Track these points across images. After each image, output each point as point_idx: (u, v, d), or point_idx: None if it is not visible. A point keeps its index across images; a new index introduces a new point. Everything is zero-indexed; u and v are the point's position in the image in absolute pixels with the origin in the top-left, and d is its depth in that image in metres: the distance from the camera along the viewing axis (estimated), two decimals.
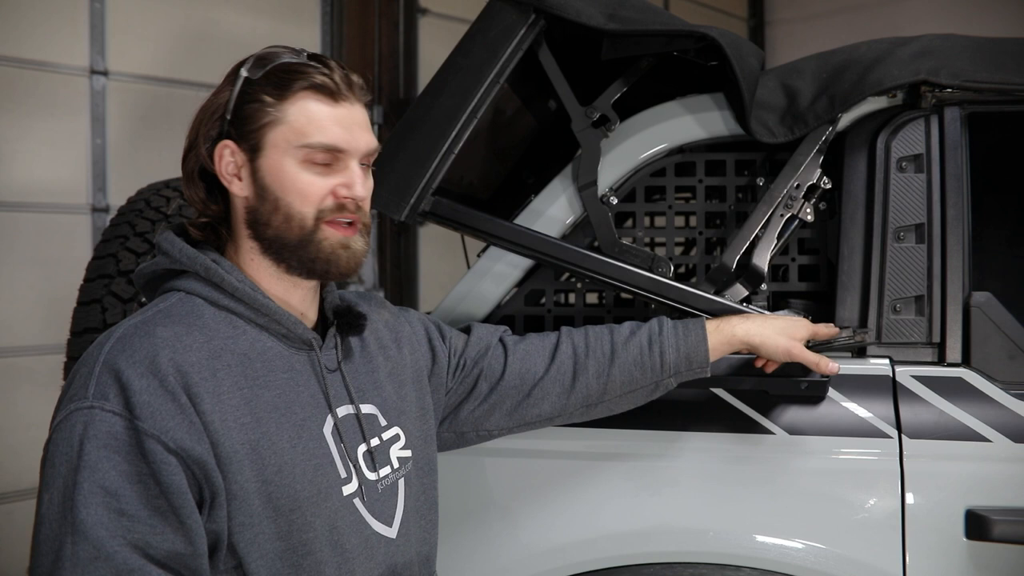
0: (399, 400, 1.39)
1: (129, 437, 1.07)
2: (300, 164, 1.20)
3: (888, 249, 1.62)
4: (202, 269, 1.21)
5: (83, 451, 1.06)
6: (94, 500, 1.05)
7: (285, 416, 1.19)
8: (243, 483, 1.13)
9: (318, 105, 1.20)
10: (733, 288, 1.69)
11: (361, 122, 1.24)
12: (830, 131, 1.67)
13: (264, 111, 1.20)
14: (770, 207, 1.69)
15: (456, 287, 1.80)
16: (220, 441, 1.12)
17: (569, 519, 1.59)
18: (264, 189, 1.21)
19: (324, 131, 1.20)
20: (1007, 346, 1.57)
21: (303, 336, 1.25)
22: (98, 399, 1.08)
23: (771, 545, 1.52)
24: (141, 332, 1.14)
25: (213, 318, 1.20)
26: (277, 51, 1.24)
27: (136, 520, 1.06)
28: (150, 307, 1.22)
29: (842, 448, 1.55)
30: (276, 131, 1.20)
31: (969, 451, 1.51)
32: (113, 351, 1.12)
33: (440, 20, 5.07)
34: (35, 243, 3.70)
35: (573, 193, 1.77)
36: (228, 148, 1.22)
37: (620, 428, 1.59)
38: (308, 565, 1.17)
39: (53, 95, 3.75)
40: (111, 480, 1.06)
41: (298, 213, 1.20)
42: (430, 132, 1.68)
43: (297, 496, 1.17)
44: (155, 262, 1.27)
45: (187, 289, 1.22)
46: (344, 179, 1.21)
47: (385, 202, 1.66)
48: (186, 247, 1.23)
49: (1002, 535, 1.46)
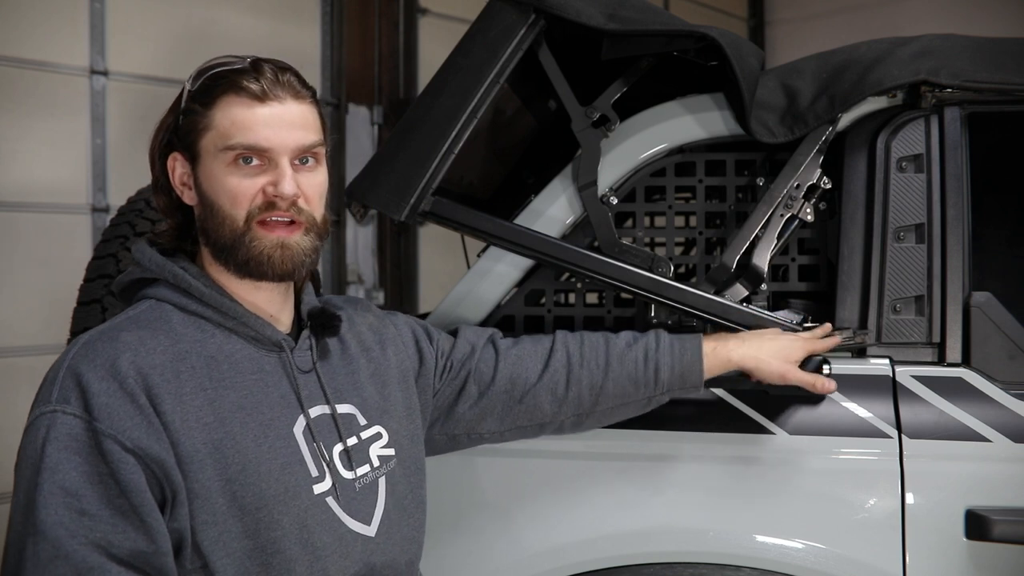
0: (382, 400, 1.39)
1: (88, 438, 1.10)
2: (227, 167, 1.22)
3: (888, 249, 1.62)
4: (170, 276, 1.25)
5: (44, 453, 1.09)
6: (54, 500, 1.08)
7: (251, 416, 1.21)
8: (204, 482, 1.15)
9: (241, 108, 1.21)
10: (733, 288, 1.70)
11: (293, 120, 1.24)
12: (830, 131, 1.67)
13: (197, 119, 1.23)
14: (770, 207, 1.69)
15: (456, 287, 1.80)
16: (180, 440, 1.14)
17: (568, 519, 1.59)
18: (203, 195, 1.24)
19: (246, 132, 1.21)
20: (1007, 346, 1.57)
21: (272, 338, 1.27)
22: (60, 403, 1.12)
23: (771, 545, 1.52)
24: (105, 337, 1.18)
25: (181, 323, 1.23)
26: (217, 61, 1.26)
27: (97, 519, 1.08)
28: (120, 314, 1.25)
29: (842, 448, 1.55)
30: (206, 137, 1.23)
31: (969, 451, 1.51)
32: (77, 356, 1.16)
33: (440, 20, 5.07)
34: (35, 243, 3.70)
35: (573, 193, 1.77)
36: (177, 160, 1.27)
37: (620, 428, 1.59)
38: (277, 563, 1.18)
39: (53, 95, 3.76)
40: (71, 480, 1.09)
41: (228, 215, 1.22)
42: (430, 132, 1.68)
43: (263, 494, 1.18)
44: (129, 272, 1.31)
45: (157, 296, 1.25)
46: (272, 177, 1.22)
47: (385, 202, 1.66)
48: (156, 255, 1.27)
49: (1002, 535, 1.46)
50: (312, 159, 1.27)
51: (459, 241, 2.21)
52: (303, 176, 1.25)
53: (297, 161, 1.24)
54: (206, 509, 1.14)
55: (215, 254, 1.25)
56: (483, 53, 1.70)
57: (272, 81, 1.23)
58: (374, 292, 4.84)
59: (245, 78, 1.22)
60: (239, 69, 1.23)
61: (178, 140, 1.26)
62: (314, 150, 1.26)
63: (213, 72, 1.24)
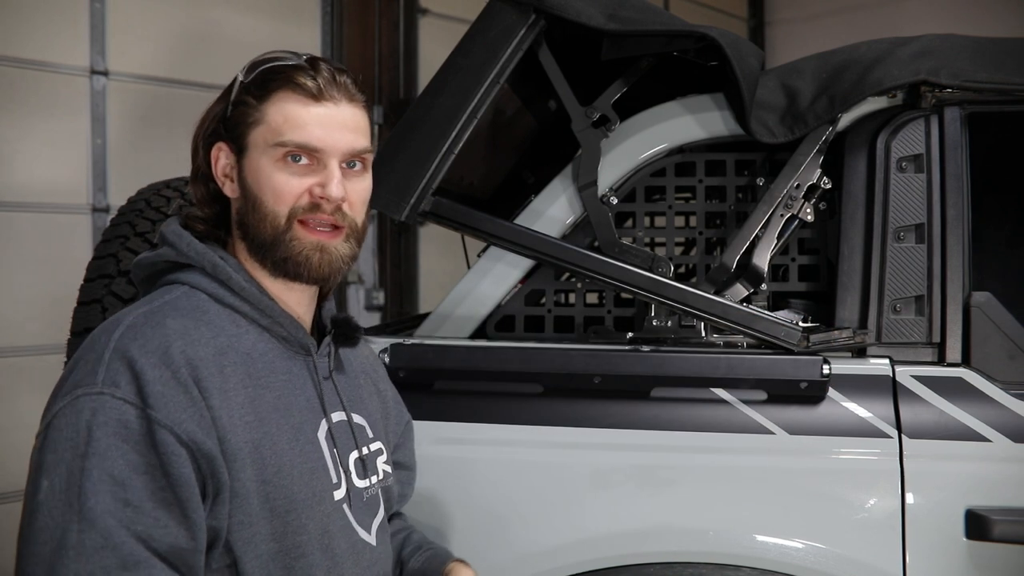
0: (380, 418, 1.41)
1: (141, 426, 1.06)
2: (276, 163, 1.20)
3: (888, 249, 1.62)
4: (209, 265, 1.21)
5: (92, 437, 1.05)
6: (103, 488, 1.03)
7: (284, 418, 1.20)
8: (245, 481, 1.13)
9: (296, 105, 1.20)
10: (733, 288, 1.70)
11: (345, 122, 1.23)
12: (830, 131, 1.67)
13: (248, 112, 1.21)
14: (770, 207, 1.69)
15: (456, 287, 1.80)
16: (227, 437, 1.12)
17: (569, 519, 1.59)
18: (246, 189, 1.22)
19: (299, 130, 1.19)
20: (1007, 346, 1.57)
21: (302, 340, 1.25)
22: (108, 386, 1.07)
23: (771, 545, 1.52)
24: (152, 322, 1.14)
25: (217, 315, 1.20)
26: (273, 55, 1.24)
27: (140, 512, 1.05)
28: (154, 298, 1.20)
29: (842, 448, 1.54)
30: (257, 131, 1.21)
31: (969, 451, 1.51)
32: (125, 339, 1.11)
33: (440, 20, 5.07)
34: (35, 243, 3.70)
35: (573, 193, 1.77)
36: (222, 151, 1.25)
37: (621, 428, 1.59)
38: (300, 568, 1.17)
39: (54, 95, 3.75)
40: (119, 469, 1.05)
41: (271, 212, 1.20)
42: (430, 132, 1.68)
43: (293, 498, 1.17)
44: (159, 253, 1.26)
45: (192, 283, 1.21)
46: (320, 179, 1.21)
47: (385, 202, 1.67)
48: (194, 241, 1.23)
49: (1002, 535, 1.46)
50: (360, 164, 1.25)
51: (459, 241, 2.21)
52: (350, 181, 1.24)
53: (345, 165, 1.23)
54: (243, 509, 1.13)
55: (252, 249, 1.24)
56: (483, 53, 1.70)
57: (328, 81, 1.21)
58: (374, 292, 4.84)
59: (302, 75, 1.21)
60: (296, 65, 1.22)
61: (225, 131, 1.24)
62: (363, 155, 1.25)
63: (269, 66, 1.22)
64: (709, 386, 1.59)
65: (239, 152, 1.23)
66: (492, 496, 1.62)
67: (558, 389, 1.63)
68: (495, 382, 1.65)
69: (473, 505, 1.62)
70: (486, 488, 1.63)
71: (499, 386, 1.65)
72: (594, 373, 1.60)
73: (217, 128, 1.25)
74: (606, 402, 1.61)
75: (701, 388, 1.59)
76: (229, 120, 1.23)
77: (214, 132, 1.25)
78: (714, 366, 1.58)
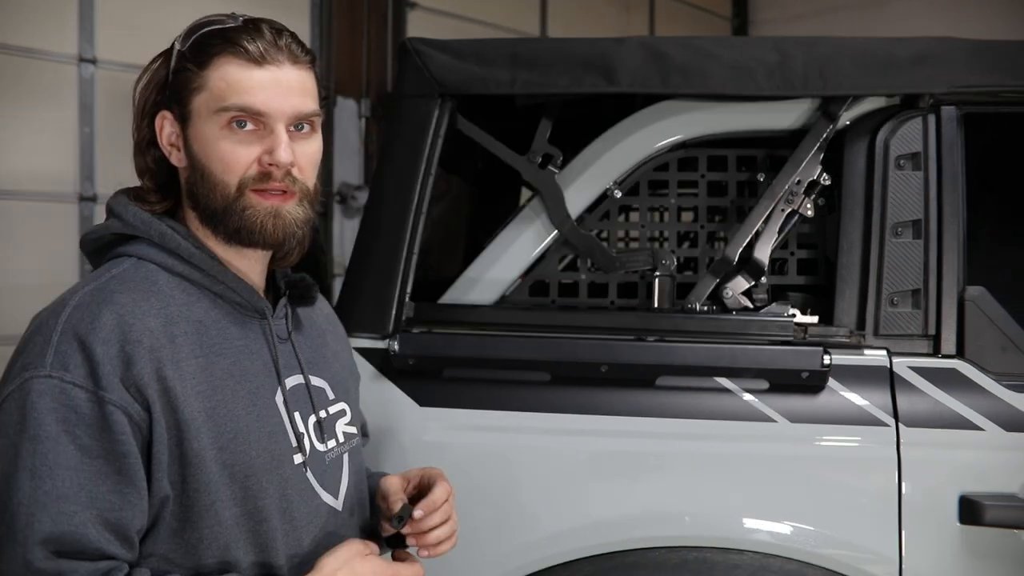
0: (344, 378, 1.40)
1: (92, 409, 1.06)
2: (221, 130, 1.17)
3: (886, 244, 1.67)
4: (156, 235, 1.19)
5: (41, 422, 1.04)
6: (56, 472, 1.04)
7: (240, 384, 1.19)
8: (199, 450, 1.12)
9: (238, 69, 1.16)
10: (735, 280, 1.74)
11: (291, 85, 1.19)
12: (831, 128, 1.72)
13: (190, 78, 1.18)
14: (772, 202, 1.73)
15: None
16: (180, 407, 1.11)
17: (575, 504, 1.63)
18: (193, 158, 1.19)
19: (241, 94, 1.16)
20: (999, 338, 1.63)
21: (256, 305, 1.24)
22: (57, 369, 1.06)
23: (773, 529, 1.57)
24: (99, 299, 1.12)
25: (167, 284, 1.18)
26: (211, 18, 1.21)
27: (94, 496, 1.05)
28: (100, 273, 1.18)
29: (841, 436, 1.59)
30: (199, 98, 1.17)
31: (963, 439, 1.57)
32: (72, 319, 1.09)
33: (429, 14, 5.08)
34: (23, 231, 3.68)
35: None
36: (167, 119, 1.21)
37: (627, 416, 1.63)
38: (263, 532, 1.18)
39: (41, 83, 3.73)
40: (69, 454, 1.05)
41: (220, 181, 1.18)
42: (386, 243, 1.74)
43: (252, 463, 1.17)
44: (105, 226, 1.24)
45: (139, 255, 1.19)
46: (267, 145, 1.17)
47: (371, 323, 1.71)
48: (140, 211, 1.21)
49: (994, 520, 1.51)
50: (308, 126, 1.22)
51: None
52: (298, 144, 1.20)
53: (292, 128, 1.20)
54: (198, 477, 1.12)
55: (204, 219, 1.21)
56: (407, 153, 1.77)
57: (270, 43, 1.18)
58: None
59: (243, 38, 1.17)
60: (235, 28, 1.18)
61: (168, 98, 1.20)
62: (311, 118, 1.22)
63: (207, 30, 1.19)
64: (713, 375, 1.63)
65: (183, 120, 1.19)
66: (500, 482, 1.66)
67: (565, 377, 1.67)
68: (503, 370, 1.68)
69: (482, 491, 1.65)
70: (495, 474, 1.66)
71: (507, 374, 1.68)
72: (601, 362, 1.64)
73: (160, 97, 1.21)
74: (612, 390, 1.65)
75: (705, 377, 1.64)
76: (170, 87, 1.20)
77: (157, 101, 1.21)
78: (718, 356, 1.62)
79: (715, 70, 1.72)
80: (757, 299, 1.75)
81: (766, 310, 1.71)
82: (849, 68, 1.69)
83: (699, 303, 1.73)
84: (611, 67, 1.73)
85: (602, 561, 1.60)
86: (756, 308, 1.73)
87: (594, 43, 1.79)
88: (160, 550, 1.13)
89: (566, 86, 1.75)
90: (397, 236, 1.73)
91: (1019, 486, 1.55)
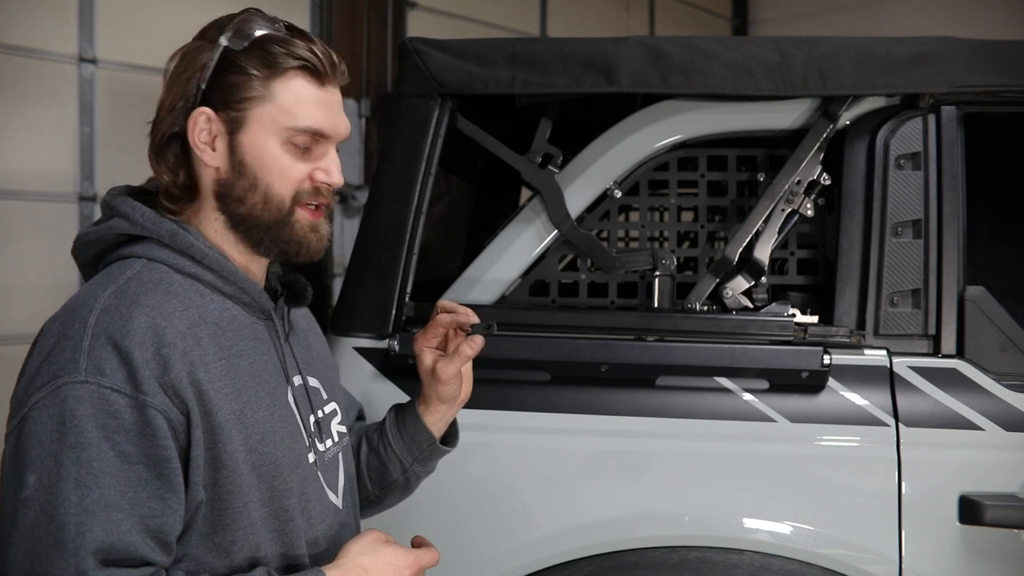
0: (330, 377, 1.41)
1: (132, 415, 1.04)
2: (283, 145, 1.18)
3: (886, 244, 1.67)
4: (167, 235, 1.16)
5: (81, 429, 1.02)
6: (103, 480, 1.02)
7: (260, 384, 1.19)
8: (233, 452, 1.11)
9: (306, 87, 1.18)
10: (735, 280, 1.74)
11: (342, 107, 1.23)
12: (831, 128, 1.72)
13: (250, 85, 1.16)
14: (772, 202, 1.73)
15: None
16: (214, 410, 1.10)
17: (576, 504, 1.63)
18: (242, 165, 1.17)
19: (311, 115, 1.18)
20: (999, 338, 1.63)
21: (265, 305, 1.24)
22: (93, 374, 1.03)
23: (773, 529, 1.57)
24: (126, 301, 1.09)
25: (181, 286, 1.16)
26: (255, 20, 1.19)
27: (135, 503, 1.03)
28: (114, 275, 1.14)
29: (841, 436, 1.60)
30: (262, 108, 1.16)
31: (963, 439, 1.57)
32: (103, 322, 1.06)
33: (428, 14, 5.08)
34: (22, 231, 3.68)
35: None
36: (205, 115, 1.17)
37: (627, 416, 1.63)
38: (288, 531, 1.19)
39: (41, 82, 3.73)
40: (110, 461, 1.02)
41: (277, 195, 1.18)
42: (386, 243, 1.74)
43: (279, 463, 1.18)
44: (110, 226, 1.19)
45: (149, 255, 1.16)
46: (323, 164, 1.20)
47: (370, 324, 1.71)
48: (148, 211, 1.18)
49: (994, 519, 1.52)
50: None
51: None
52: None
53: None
54: (232, 480, 1.11)
55: (239, 224, 1.19)
56: (407, 153, 1.76)
57: (331, 63, 1.20)
58: None
59: (310, 56, 1.17)
60: (298, 42, 1.18)
61: (212, 97, 1.16)
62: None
63: (268, 35, 1.17)
64: (713, 375, 1.63)
65: (232, 123, 1.17)
66: (500, 482, 1.66)
67: (565, 377, 1.67)
68: (504, 370, 1.68)
69: (482, 491, 1.66)
70: (496, 474, 1.66)
71: (507, 374, 1.68)
72: (601, 362, 1.64)
73: (195, 92, 1.17)
74: (613, 390, 1.65)
75: (705, 377, 1.64)
76: (220, 86, 1.16)
77: (193, 95, 1.17)
78: (718, 356, 1.62)
79: (715, 70, 1.73)
80: (757, 299, 1.76)
81: (766, 310, 1.72)
82: (849, 68, 1.69)
83: (699, 303, 1.73)
84: (611, 67, 1.73)
85: (602, 561, 1.60)
86: (756, 308, 1.73)
87: (594, 43, 1.79)
88: (192, 551, 1.12)
89: (566, 86, 1.75)
90: (397, 236, 1.73)
91: (1019, 486, 1.55)
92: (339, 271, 4.76)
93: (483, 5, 5.39)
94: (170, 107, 1.19)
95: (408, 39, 1.86)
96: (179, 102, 1.18)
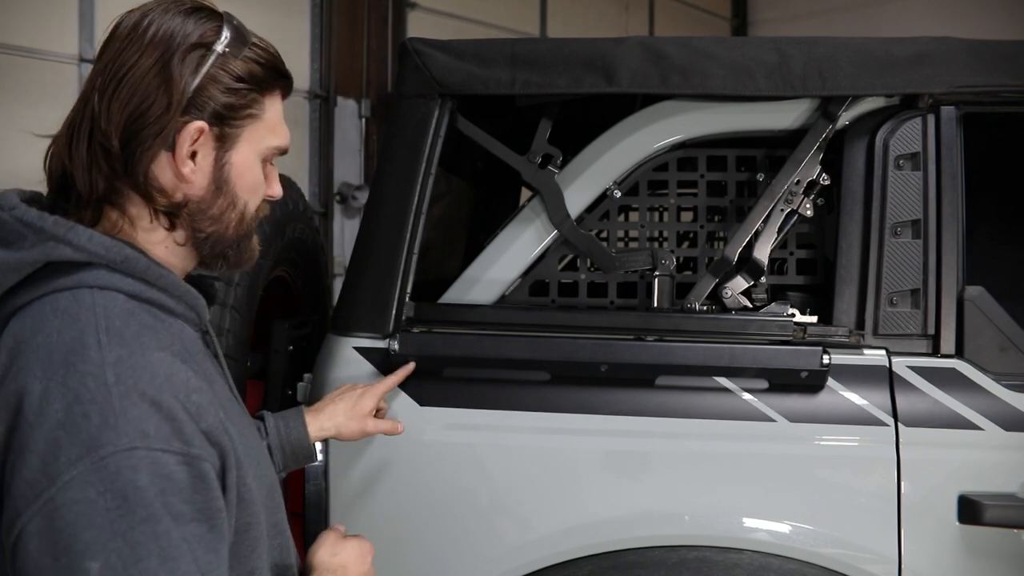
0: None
1: (184, 472, 0.95)
2: (259, 162, 1.13)
3: (885, 244, 1.67)
4: (119, 259, 1.02)
5: (142, 501, 0.91)
6: (178, 553, 0.93)
7: (235, 406, 1.15)
8: (250, 485, 1.07)
9: (279, 103, 1.14)
10: (734, 280, 1.74)
11: None
12: (830, 128, 1.72)
13: (248, 101, 1.08)
14: (771, 202, 1.74)
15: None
16: (236, 448, 1.05)
17: (574, 504, 1.63)
18: (226, 183, 1.09)
19: (285, 133, 1.15)
20: (998, 338, 1.63)
21: (206, 320, 1.15)
22: (139, 437, 0.93)
23: (773, 529, 1.57)
24: (131, 347, 0.98)
25: (147, 315, 1.03)
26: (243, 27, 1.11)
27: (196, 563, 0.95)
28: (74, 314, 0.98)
29: (841, 435, 1.60)
30: (254, 126, 1.10)
31: (962, 439, 1.57)
32: (125, 377, 0.95)
33: (428, 15, 5.08)
34: None
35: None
36: (198, 128, 1.05)
37: (627, 415, 1.63)
38: (279, 544, 1.18)
39: (41, 82, 3.74)
40: (173, 529, 0.93)
41: (250, 212, 1.14)
42: (386, 243, 1.74)
43: (272, 483, 1.18)
44: (44, 252, 1.01)
45: (101, 284, 1.01)
46: (274, 179, 1.16)
47: (370, 323, 1.71)
48: (96, 234, 1.02)
49: (993, 519, 1.52)
50: None
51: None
52: None
53: None
54: (250, 511, 1.06)
55: (200, 241, 1.10)
56: (407, 153, 1.77)
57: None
58: None
59: (287, 71, 1.14)
60: (278, 56, 1.13)
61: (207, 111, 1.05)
62: None
63: (258, 50, 1.10)
64: (712, 375, 1.64)
65: (222, 140, 1.08)
66: (500, 481, 1.66)
67: (565, 377, 1.67)
68: (503, 370, 1.68)
69: (482, 490, 1.66)
70: (495, 473, 1.66)
71: (507, 374, 1.69)
72: (600, 361, 1.64)
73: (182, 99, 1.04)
74: (612, 390, 1.65)
75: (705, 377, 1.64)
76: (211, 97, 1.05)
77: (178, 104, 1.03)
78: (717, 355, 1.62)
79: (715, 70, 1.73)
80: (756, 299, 1.76)
81: (765, 310, 1.72)
82: (848, 68, 1.69)
83: (699, 303, 1.73)
84: (611, 67, 1.74)
85: (601, 560, 1.61)
86: (755, 308, 1.74)
87: (593, 43, 1.79)
88: None
89: (566, 86, 1.76)
90: (397, 236, 1.73)
91: (1018, 486, 1.55)
92: (339, 271, 4.77)
93: (483, 5, 5.39)
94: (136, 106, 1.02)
95: (408, 39, 1.86)
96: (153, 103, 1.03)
